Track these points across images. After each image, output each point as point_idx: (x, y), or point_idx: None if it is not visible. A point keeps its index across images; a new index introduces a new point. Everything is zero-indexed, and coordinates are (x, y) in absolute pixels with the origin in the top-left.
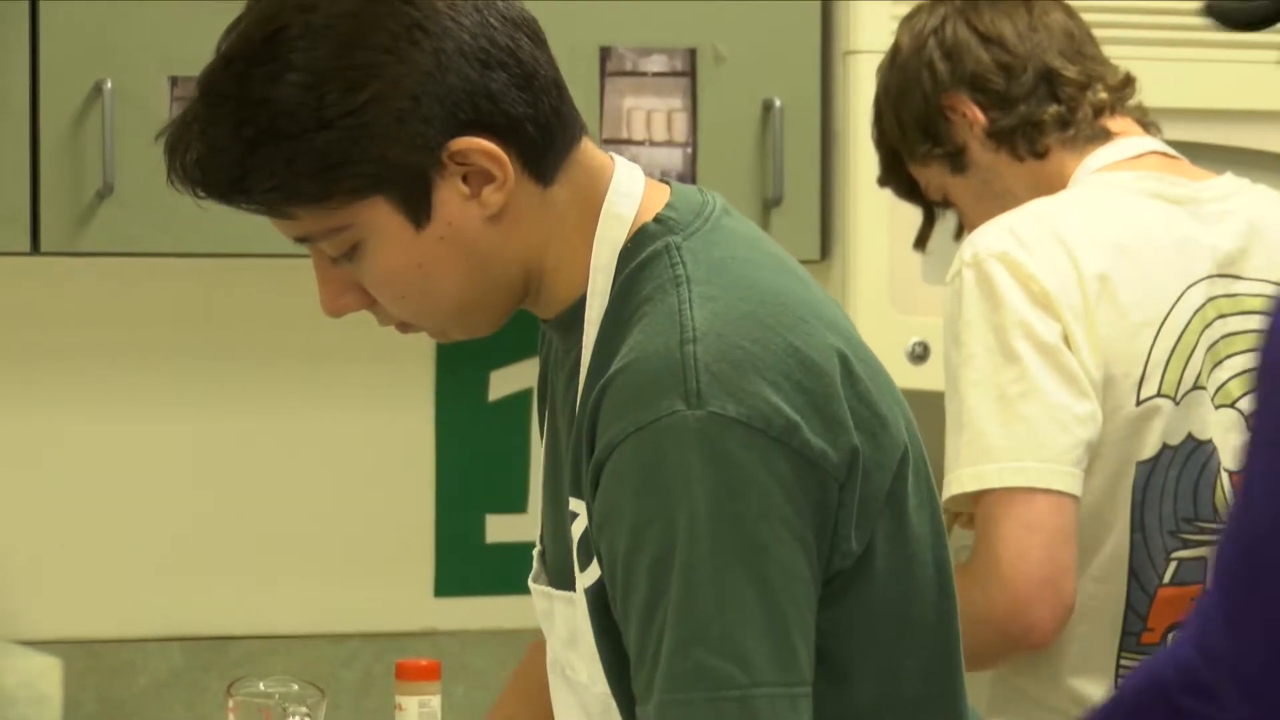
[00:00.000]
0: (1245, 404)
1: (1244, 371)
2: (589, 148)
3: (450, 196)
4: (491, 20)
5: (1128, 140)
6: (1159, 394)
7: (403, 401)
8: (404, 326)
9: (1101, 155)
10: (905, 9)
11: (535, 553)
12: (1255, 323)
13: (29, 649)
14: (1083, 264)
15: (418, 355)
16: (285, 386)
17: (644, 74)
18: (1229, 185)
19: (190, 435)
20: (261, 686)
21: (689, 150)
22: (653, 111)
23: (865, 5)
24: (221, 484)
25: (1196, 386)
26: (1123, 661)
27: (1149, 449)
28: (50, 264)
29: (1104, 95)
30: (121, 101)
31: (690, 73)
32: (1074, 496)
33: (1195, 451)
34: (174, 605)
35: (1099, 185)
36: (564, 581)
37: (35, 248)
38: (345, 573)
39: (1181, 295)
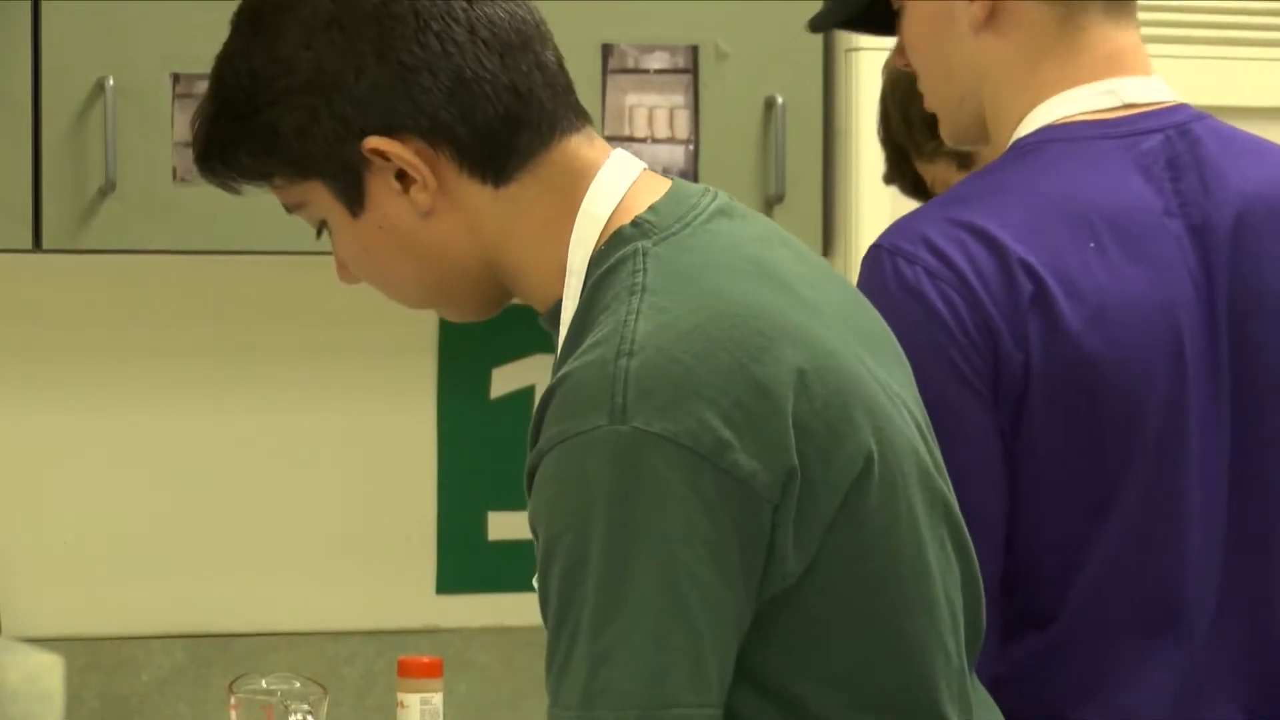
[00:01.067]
0: None
1: None
2: (574, 145)
3: (383, 190)
4: (434, 24)
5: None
6: None
7: (405, 399)
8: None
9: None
10: None
11: None
12: None
13: (31, 646)
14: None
15: (420, 353)
16: (287, 384)
17: (646, 71)
18: None
19: (192, 432)
20: (264, 684)
21: (691, 147)
22: (655, 108)
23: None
24: (223, 481)
25: None
26: None
27: None
28: (52, 261)
29: None
30: (124, 98)
31: (692, 70)
32: None
33: None
34: (176, 602)
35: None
36: None
37: (37, 245)
38: (347, 570)
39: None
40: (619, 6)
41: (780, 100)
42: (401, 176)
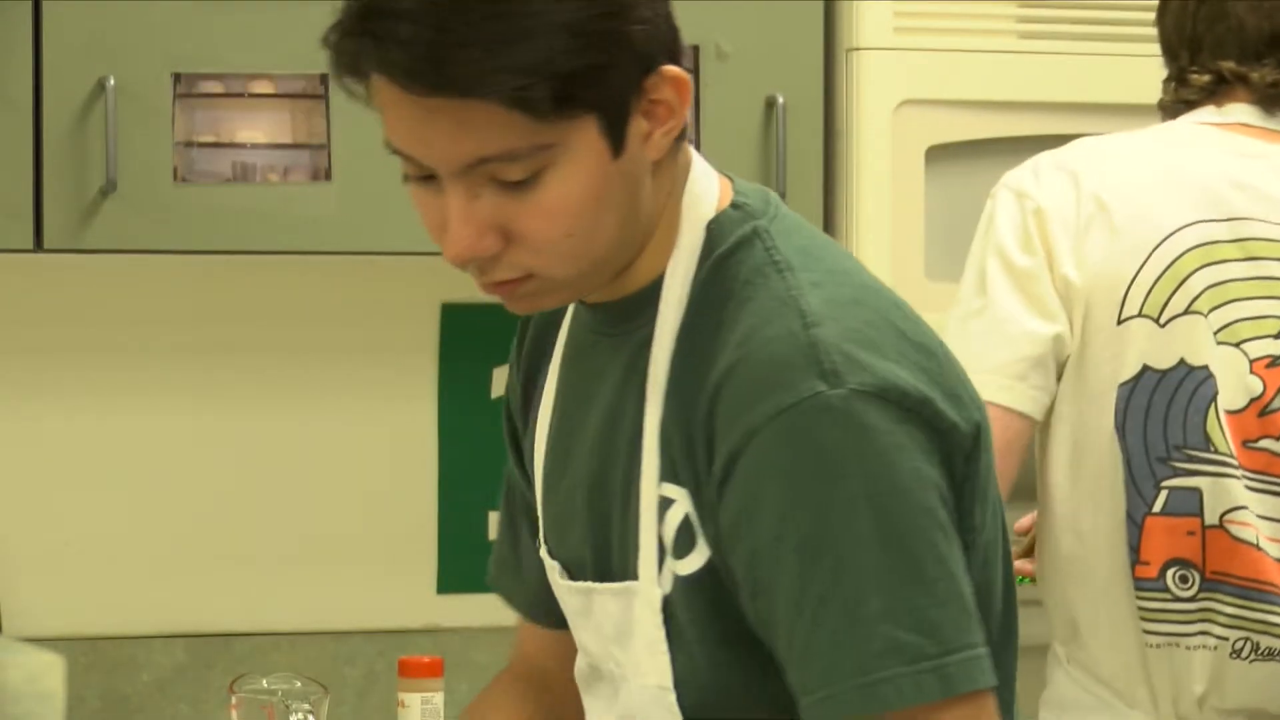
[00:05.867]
0: (1252, 348)
1: (1260, 316)
2: None
3: (636, 132)
4: None
5: (1231, 106)
6: (1140, 314)
7: (406, 398)
8: (513, 285)
9: (1200, 114)
10: (907, 7)
11: (544, 553)
12: None
13: (32, 645)
14: (1083, 188)
15: (420, 352)
16: (288, 383)
17: None
18: None
19: (193, 432)
20: (264, 683)
21: (692, 147)
22: None
23: (868, 3)
24: (224, 480)
25: (1190, 312)
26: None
27: (1129, 370)
28: (53, 261)
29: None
30: (124, 98)
31: (693, 69)
32: (1009, 409)
33: (1187, 378)
34: (177, 602)
35: (1161, 129)
36: (605, 574)
37: (38, 245)
38: (348, 569)
39: (1189, 225)
40: None
41: (780, 100)
42: (647, 116)
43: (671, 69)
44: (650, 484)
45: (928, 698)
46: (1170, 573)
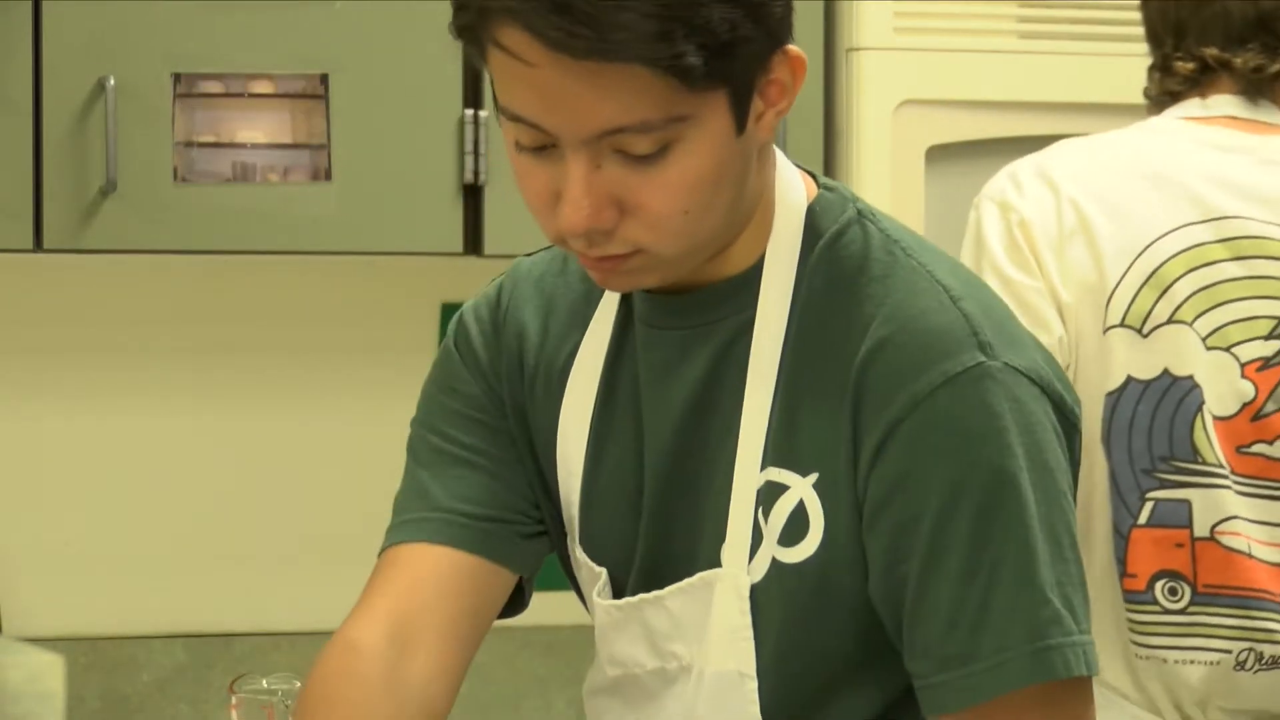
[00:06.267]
0: (1243, 351)
1: (1249, 318)
2: None
3: (754, 110)
4: None
5: (1215, 99)
6: (1122, 324)
7: (405, 398)
8: (617, 260)
9: (1184, 108)
10: (907, 8)
11: (582, 556)
12: (1278, 270)
13: (32, 645)
14: (1063, 196)
15: (420, 352)
16: (287, 383)
17: None
18: None
19: (193, 432)
20: (264, 683)
21: None
22: None
23: (868, 3)
24: (224, 480)
25: (1173, 321)
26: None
27: (1114, 380)
28: (53, 261)
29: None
30: (124, 98)
31: None
32: None
33: (1172, 387)
34: (177, 602)
35: (1142, 128)
36: (677, 567)
37: (38, 245)
38: (348, 569)
39: (1172, 230)
40: None
41: None
42: (762, 95)
43: (794, 49)
44: (750, 471)
45: (1078, 671)
46: (1159, 585)
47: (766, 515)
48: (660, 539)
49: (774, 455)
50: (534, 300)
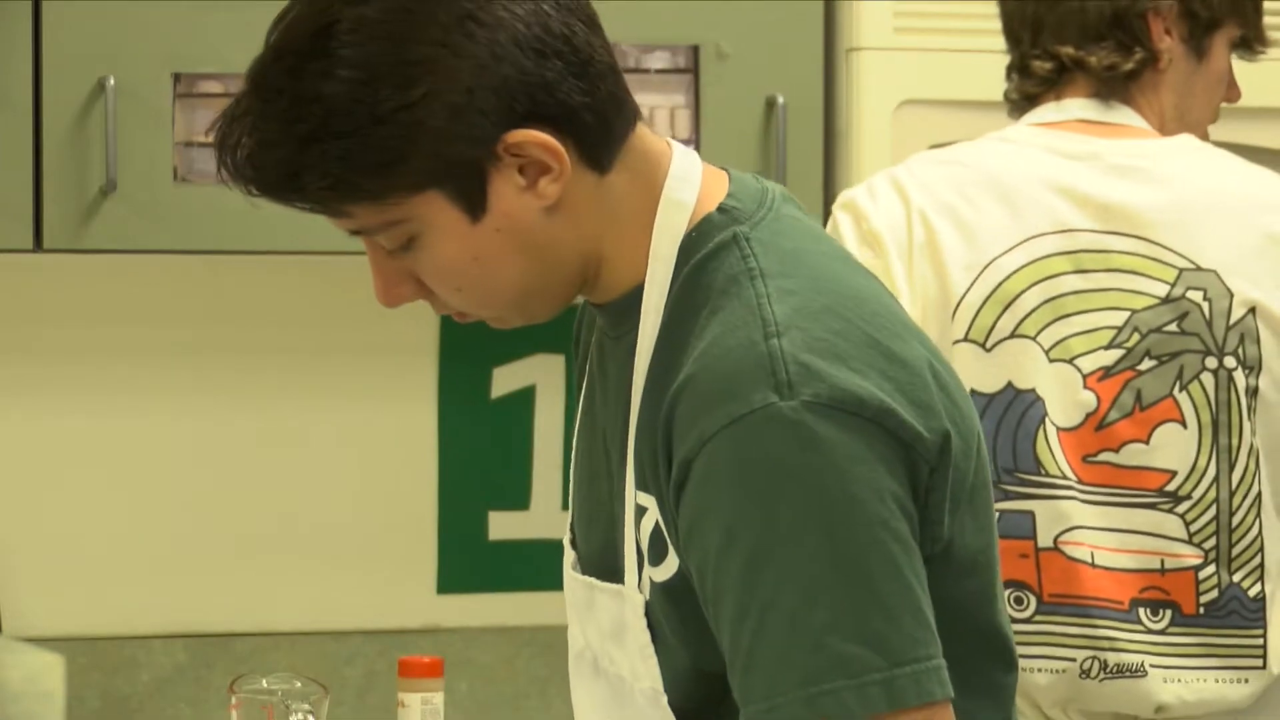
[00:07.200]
0: (1085, 363)
1: (1091, 330)
2: (645, 132)
3: (506, 188)
4: (545, 7)
5: (1066, 102)
6: (966, 338)
7: (406, 398)
8: (461, 315)
9: (1037, 113)
10: (907, 8)
11: (566, 540)
12: (1119, 281)
13: (32, 645)
14: (913, 207)
15: (421, 352)
16: (288, 383)
17: (647, 71)
18: (1159, 146)
19: (193, 432)
20: (264, 683)
21: (692, 147)
22: (656, 108)
23: (868, 3)
24: (224, 480)
25: (1016, 335)
26: None
27: None
28: (53, 261)
29: (1062, 57)
30: (124, 98)
31: (693, 70)
32: None
33: (1015, 400)
34: (177, 602)
35: (995, 138)
36: (608, 572)
37: (38, 245)
38: (348, 569)
39: (1020, 244)
40: (619, 6)
41: (780, 100)
42: (522, 171)
43: (523, 134)
44: (630, 491)
45: (872, 709)
46: (1007, 594)
47: (642, 535)
48: (605, 546)
49: (637, 477)
50: None
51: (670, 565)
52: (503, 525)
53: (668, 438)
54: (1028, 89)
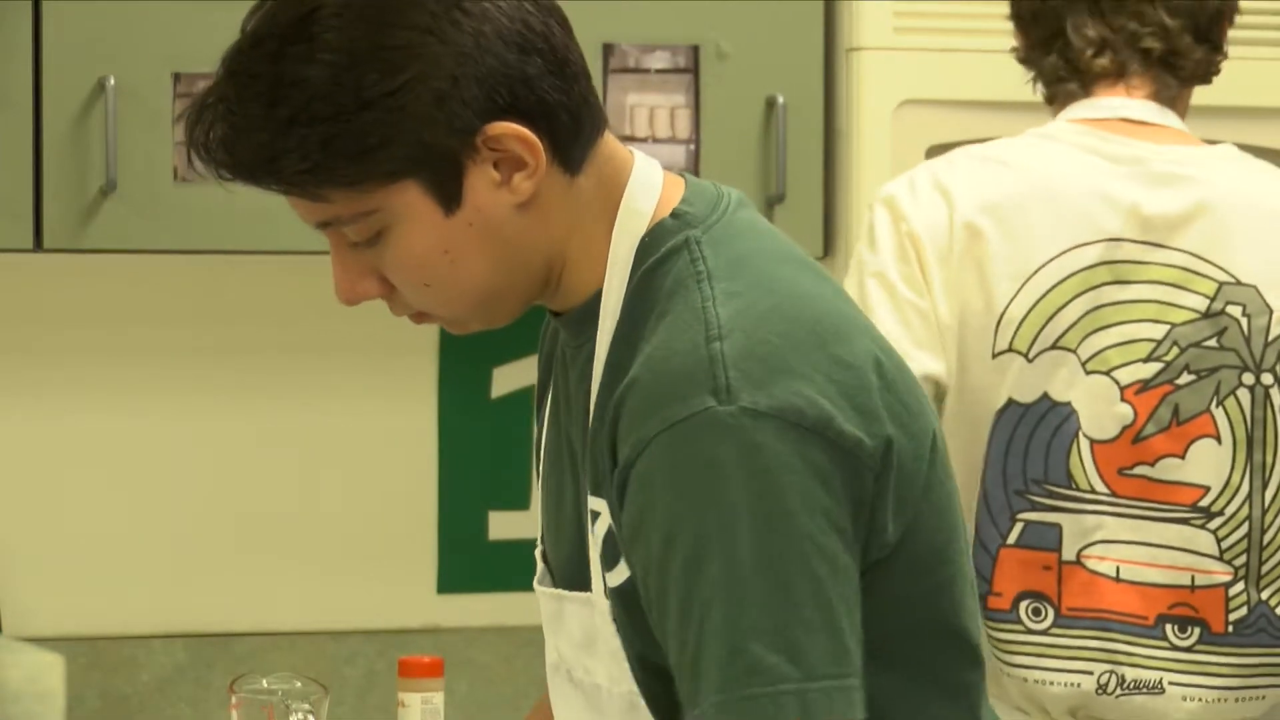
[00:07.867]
0: (1123, 375)
1: (1129, 341)
2: (611, 140)
3: (481, 182)
4: (526, 5)
5: (1108, 100)
6: (1010, 349)
7: (406, 398)
8: (419, 317)
9: (1077, 109)
10: (907, 8)
11: (537, 553)
12: (1158, 294)
13: (32, 645)
14: (957, 213)
15: (421, 352)
16: (288, 383)
17: (647, 71)
18: (1202, 154)
19: (193, 431)
20: (264, 683)
21: (692, 147)
22: (656, 108)
23: (868, 3)
24: (224, 480)
25: (1058, 346)
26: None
27: (999, 402)
28: (53, 261)
29: (1106, 61)
30: (124, 98)
31: (693, 69)
32: None
33: (1050, 412)
34: (177, 602)
35: (1038, 135)
36: (576, 581)
37: (38, 244)
38: (348, 569)
39: (1063, 253)
40: (620, 6)
41: (780, 100)
42: (498, 166)
43: (503, 127)
44: (584, 496)
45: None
46: (1023, 605)
47: (596, 540)
48: (571, 555)
49: (591, 482)
50: None
51: (622, 570)
52: (503, 525)
53: (613, 441)
54: (1089, 77)
